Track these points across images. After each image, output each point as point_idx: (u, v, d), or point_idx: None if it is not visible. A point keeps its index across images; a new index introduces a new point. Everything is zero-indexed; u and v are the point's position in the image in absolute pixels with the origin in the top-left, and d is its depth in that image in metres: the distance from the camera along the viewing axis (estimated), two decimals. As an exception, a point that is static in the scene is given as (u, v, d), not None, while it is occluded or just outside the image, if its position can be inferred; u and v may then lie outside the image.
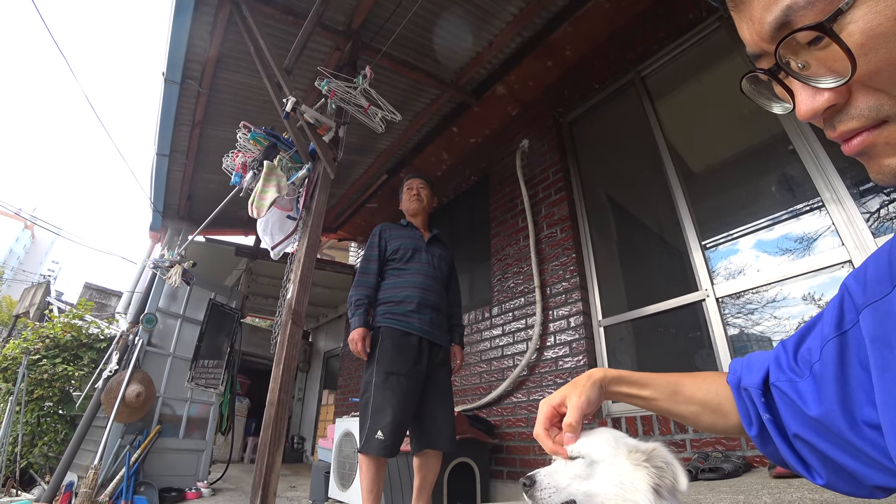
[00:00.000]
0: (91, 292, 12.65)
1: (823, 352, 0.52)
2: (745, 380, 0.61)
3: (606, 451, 0.59)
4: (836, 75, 0.34)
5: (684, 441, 2.24)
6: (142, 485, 3.76)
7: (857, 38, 0.32)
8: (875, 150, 0.37)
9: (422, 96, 4.08)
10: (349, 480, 3.20)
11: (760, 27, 0.37)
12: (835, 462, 0.51)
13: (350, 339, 2.23)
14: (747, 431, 0.61)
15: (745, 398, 0.61)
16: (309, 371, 9.69)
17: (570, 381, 0.67)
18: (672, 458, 0.57)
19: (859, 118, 0.36)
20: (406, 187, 2.71)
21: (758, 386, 0.59)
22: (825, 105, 0.36)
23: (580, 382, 0.66)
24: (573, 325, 2.98)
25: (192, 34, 3.06)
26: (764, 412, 0.58)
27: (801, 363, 0.55)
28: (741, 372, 0.64)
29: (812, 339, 0.56)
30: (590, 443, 0.60)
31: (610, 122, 3.56)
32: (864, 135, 0.36)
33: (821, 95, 0.36)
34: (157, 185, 4.47)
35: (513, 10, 3.27)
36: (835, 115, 0.37)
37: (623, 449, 0.59)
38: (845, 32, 0.32)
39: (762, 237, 2.54)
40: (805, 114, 0.37)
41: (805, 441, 0.54)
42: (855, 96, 0.35)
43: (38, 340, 4.94)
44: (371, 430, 2.06)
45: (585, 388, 0.64)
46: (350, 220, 6.19)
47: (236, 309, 5.31)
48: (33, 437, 4.71)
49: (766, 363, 0.60)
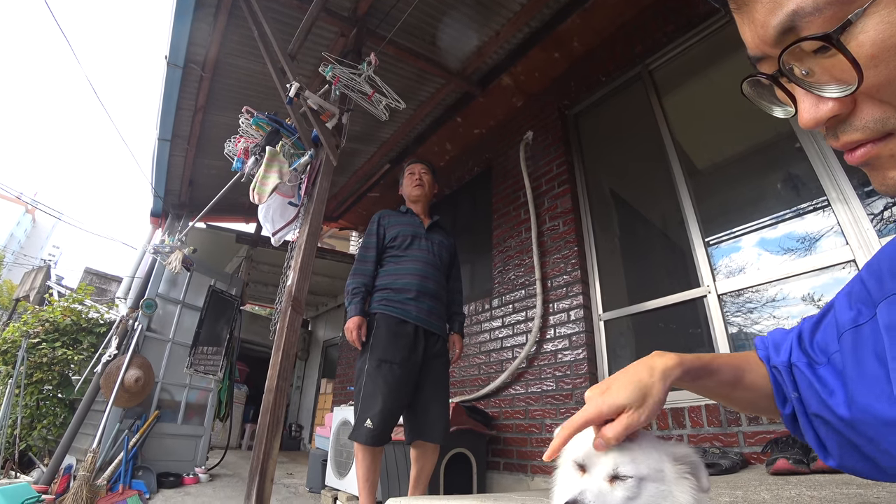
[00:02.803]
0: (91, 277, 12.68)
1: (842, 341, 0.52)
2: (774, 358, 0.61)
3: (652, 467, 0.54)
4: (841, 84, 0.33)
5: (682, 436, 2.24)
6: (140, 469, 3.77)
7: (866, 49, 0.31)
8: (879, 161, 0.36)
9: (427, 85, 4.05)
10: (346, 469, 3.21)
11: (764, 31, 0.36)
12: (853, 444, 0.51)
13: (346, 328, 2.22)
14: (780, 410, 0.60)
15: (776, 377, 0.61)
16: (308, 359, 9.72)
17: (633, 374, 0.57)
18: (699, 461, 0.56)
19: (864, 130, 0.35)
20: (408, 172, 2.67)
21: (785, 364, 0.59)
22: (829, 114, 0.35)
23: (651, 385, 0.56)
24: (573, 318, 2.98)
25: (196, 19, 3.02)
26: (792, 391, 0.58)
27: (818, 350, 0.56)
28: (769, 350, 0.63)
29: (827, 327, 0.56)
30: (636, 459, 0.54)
31: (616, 115, 3.53)
32: (869, 146, 0.36)
33: (825, 104, 0.35)
34: (158, 170, 4.45)
35: (521, 0, 3.23)
36: (838, 124, 0.36)
37: (667, 461, 0.55)
38: (854, 43, 0.31)
39: (766, 235, 2.52)
40: (807, 122, 0.36)
41: (825, 420, 0.53)
42: (860, 107, 0.34)
43: (38, 324, 4.94)
44: (360, 417, 2.06)
45: (656, 397, 0.55)
46: (352, 210, 6.17)
47: (236, 296, 5.31)
48: (32, 420, 4.72)
49: (788, 342, 0.60)
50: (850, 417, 0.49)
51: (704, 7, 2.86)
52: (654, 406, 0.55)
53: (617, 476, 0.53)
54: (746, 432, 2.01)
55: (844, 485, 1.14)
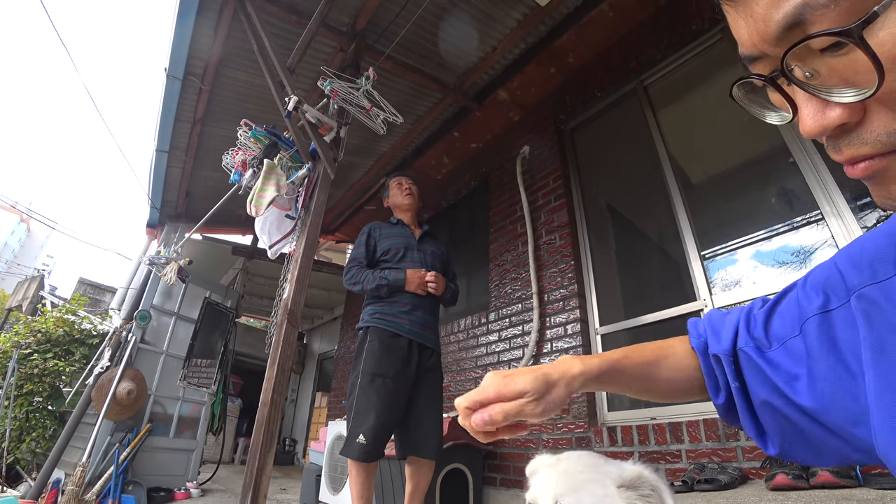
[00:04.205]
0: (85, 287, 12.58)
1: (804, 328, 0.49)
2: (714, 346, 0.58)
3: (599, 495, 0.52)
4: (853, 88, 0.29)
5: (680, 451, 2.22)
6: (130, 484, 3.71)
7: (888, 47, 0.26)
8: (886, 175, 0.32)
9: (424, 100, 4.09)
10: (340, 484, 3.17)
11: (765, 26, 0.31)
12: (802, 433, 0.49)
13: (409, 282, 2.28)
14: (713, 399, 0.58)
15: (713, 365, 0.58)
16: (303, 373, 9.63)
17: (540, 370, 0.56)
18: (658, 482, 0.53)
19: (874, 144, 0.30)
20: (395, 183, 2.67)
21: (728, 353, 0.56)
22: (836, 122, 0.31)
23: (555, 383, 0.55)
24: (570, 332, 2.97)
25: (196, 31, 3.05)
26: (734, 380, 0.55)
27: (773, 336, 0.53)
28: (707, 336, 0.60)
29: (785, 312, 0.53)
30: (578, 487, 0.53)
31: (611, 130, 3.57)
32: (877, 160, 0.31)
33: (832, 111, 0.30)
34: (155, 181, 4.45)
35: (517, 17, 3.28)
36: (843, 135, 0.32)
37: (612, 487, 0.53)
38: (876, 40, 0.26)
39: (761, 248, 2.53)
40: (811, 130, 0.32)
41: (774, 408, 0.51)
42: (871, 117, 0.30)
43: (30, 335, 4.89)
44: (353, 433, 2.03)
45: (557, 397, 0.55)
46: (348, 223, 6.17)
47: (231, 308, 5.28)
48: (21, 433, 4.64)
49: (731, 327, 0.57)
50: (813, 406, 0.47)
51: (697, 25, 2.91)
52: (553, 403, 0.54)
53: None
54: (745, 447, 2.00)
55: (844, 500, 1.13)
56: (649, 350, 0.62)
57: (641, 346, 0.63)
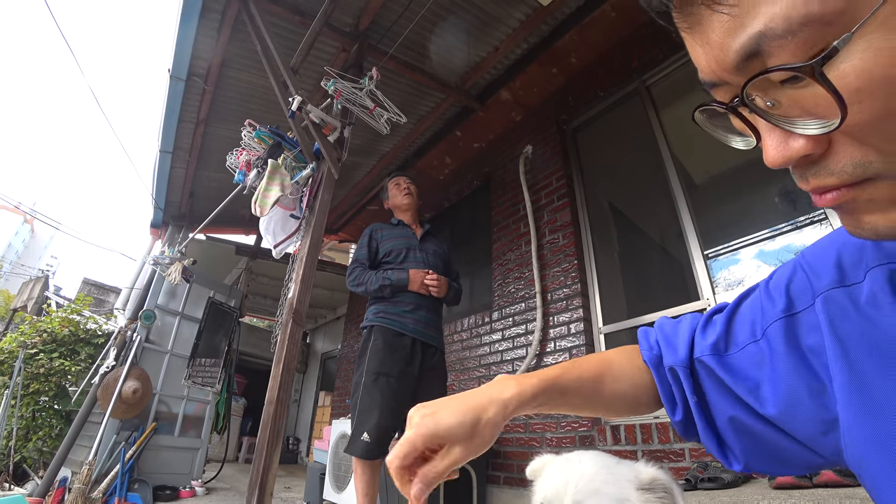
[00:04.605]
0: (89, 288, 12.64)
1: (768, 332, 0.47)
2: (669, 357, 0.55)
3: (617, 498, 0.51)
4: (815, 120, 0.28)
5: (683, 450, 2.23)
6: (136, 482, 3.74)
7: (850, 80, 0.25)
8: (854, 205, 0.31)
9: (426, 99, 4.09)
10: (344, 483, 3.18)
11: (722, 55, 0.29)
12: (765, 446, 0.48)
13: (413, 281, 2.30)
14: (670, 416, 0.55)
15: (667, 378, 0.55)
16: (306, 372, 9.67)
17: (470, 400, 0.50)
18: (671, 483, 0.53)
19: (840, 175, 0.29)
20: (393, 183, 2.70)
21: (684, 364, 0.53)
22: (800, 153, 0.29)
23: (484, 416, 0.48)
24: (573, 331, 2.98)
25: (199, 32, 3.06)
26: (692, 395, 0.52)
27: (732, 341, 0.50)
28: (660, 347, 0.57)
29: (746, 316, 0.50)
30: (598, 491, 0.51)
31: (614, 129, 3.57)
32: (844, 190, 0.30)
33: (795, 141, 0.29)
34: (159, 181, 4.47)
35: (519, 17, 3.29)
36: (809, 165, 0.30)
37: (629, 489, 0.52)
38: (837, 73, 0.25)
39: (764, 248, 2.54)
40: (774, 161, 0.31)
41: (740, 423, 0.49)
42: (836, 148, 0.29)
43: (36, 334, 4.92)
44: (357, 431, 2.05)
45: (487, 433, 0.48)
46: (351, 222, 6.19)
47: (235, 308, 5.30)
48: (28, 432, 4.68)
49: (686, 335, 0.54)
50: (778, 415, 0.45)
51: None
52: (483, 440, 0.48)
53: None
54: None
55: (847, 498, 1.14)
56: (591, 364, 0.58)
57: (582, 359, 0.59)
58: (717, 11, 0.28)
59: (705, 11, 0.29)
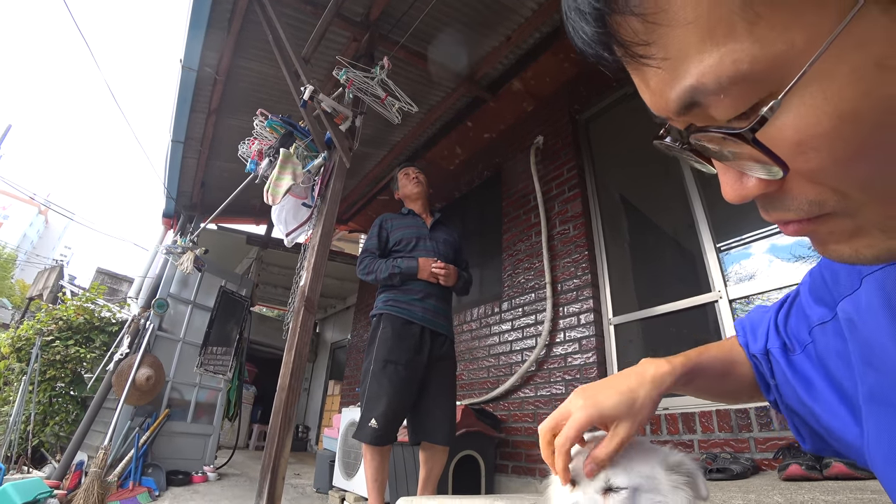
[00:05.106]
0: (103, 277, 12.83)
1: (813, 335, 0.49)
2: (752, 346, 0.58)
3: (646, 475, 0.52)
4: (763, 166, 0.28)
5: (692, 441, 2.23)
6: (150, 466, 3.81)
7: (790, 134, 0.25)
8: (818, 236, 0.31)
9: (437, 90, 4.08)
10: (354, 470, 3.22)
11: (663, 102, 0.30)
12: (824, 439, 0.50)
13: (422, 269, 2.31)
14: (766, 398, 0.58)
15: (757, 366, 0.58)
16: (315, 361, 9.75)
17: (623, 382, 0.55)
18: (696, 469, 0.54)
19: (797, 211, 0.29)
20: (402, 174, 2.71)
21: (762, 352, 0.56)
22: (754, 192, 0.30)
23: (640, 395, 0.53)
24: (583, 322, 2.98)
25: (211, 23, 3.07)
26: (771, 378, 0.55)
27: (792, 337, 0.53)
28: (747, 336, 0.60)
29: (797, 315, 0.53)
30: (628, 468, 0.53)
31: (626, 120, 3.53)
32: (805, 223, 0.30)
33: (748, 180, 0.29)
34: (171, 171, 4.51)
35: (532, 6, 3.25)
36: (767, 200, 0.31)
37: (660, 470, 0.53)
38: (774, 128, 0.25)
39: (777, 241, 2.52)
40: (730, 199, 0.31)
41: (794, 412, 0.52)
42: (791, 185, 0.29)
43: (52, 322, 5.01)
44: (365, 417, 2.08)
45: (646, 408, 0.52)
46: (361, 212, 6.20)
47: (246, 297, 5.36)
48: (45, 417, 4.78)
49: (765, 325, 0.57)
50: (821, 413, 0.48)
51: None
52: (644, 417, 0.52)
53: (610, 488, 0.51)
54: (758, 438, 2.00)
55: (858, 490, 1.13)
56: (721, 347, 0.61)
57: (710, 344, 0.62)
58: (648, 66, 0.29)
59: (639, 64, 0.29)
